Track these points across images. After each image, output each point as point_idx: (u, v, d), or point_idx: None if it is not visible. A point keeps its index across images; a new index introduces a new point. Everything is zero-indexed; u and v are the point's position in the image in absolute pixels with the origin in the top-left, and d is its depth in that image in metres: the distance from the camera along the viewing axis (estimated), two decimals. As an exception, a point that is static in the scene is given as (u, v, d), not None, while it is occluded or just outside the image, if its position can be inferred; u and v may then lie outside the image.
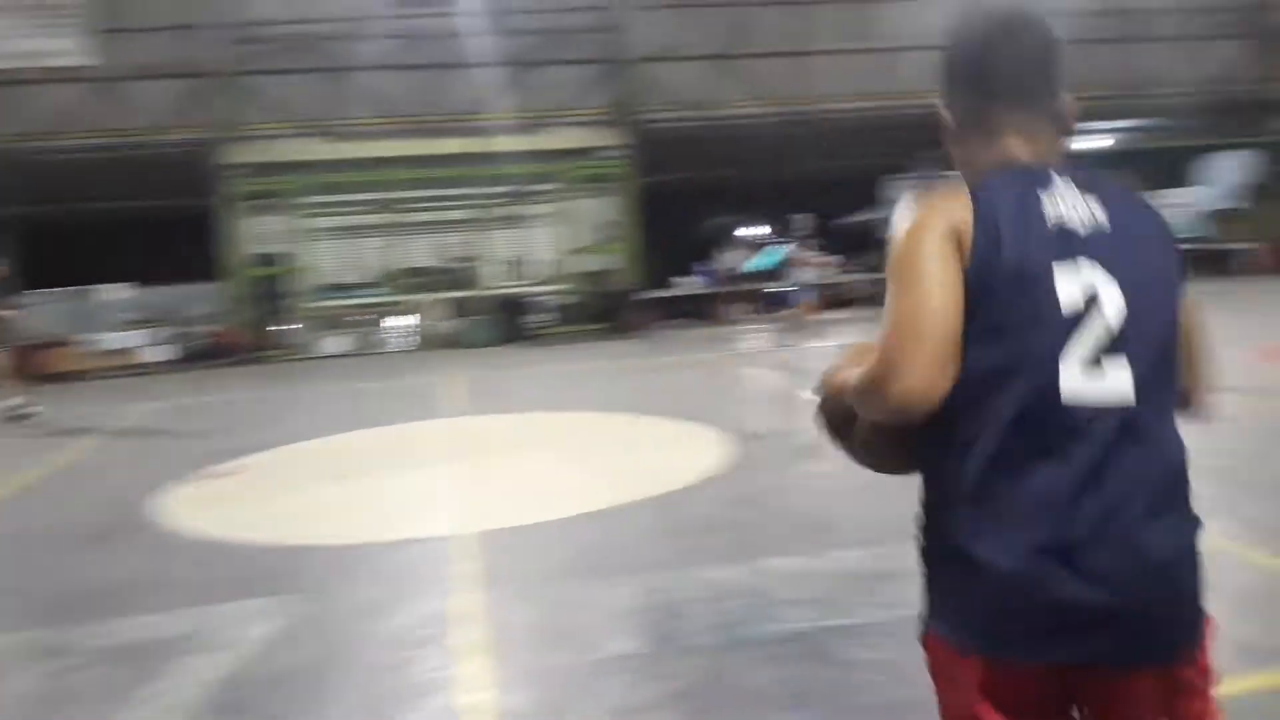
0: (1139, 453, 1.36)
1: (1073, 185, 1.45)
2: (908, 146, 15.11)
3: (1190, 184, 19.96)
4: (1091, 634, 1.35)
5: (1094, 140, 20.62)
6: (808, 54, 18.15)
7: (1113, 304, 1.38)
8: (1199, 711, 1.42)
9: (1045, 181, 1.45)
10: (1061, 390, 1.35)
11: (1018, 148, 1.49)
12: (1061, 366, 1.36)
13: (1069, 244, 1.40)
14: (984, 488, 1.38)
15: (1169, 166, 20.39)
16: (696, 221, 19.25)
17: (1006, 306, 1.37)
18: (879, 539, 4.45)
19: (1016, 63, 1.51)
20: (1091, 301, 1.37)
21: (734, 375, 11.74)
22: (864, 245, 17.34)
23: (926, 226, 1.41)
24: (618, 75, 17.94)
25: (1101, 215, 1.43)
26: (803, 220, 13.47)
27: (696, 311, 18.71)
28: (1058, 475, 1.35)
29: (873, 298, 12.61)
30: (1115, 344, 1.37)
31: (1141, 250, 1.44)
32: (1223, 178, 19.68)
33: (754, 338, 14.33)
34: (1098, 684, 1.41)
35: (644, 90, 17.80)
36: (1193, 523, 1.42)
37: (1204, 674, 1.43)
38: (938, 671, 1.49)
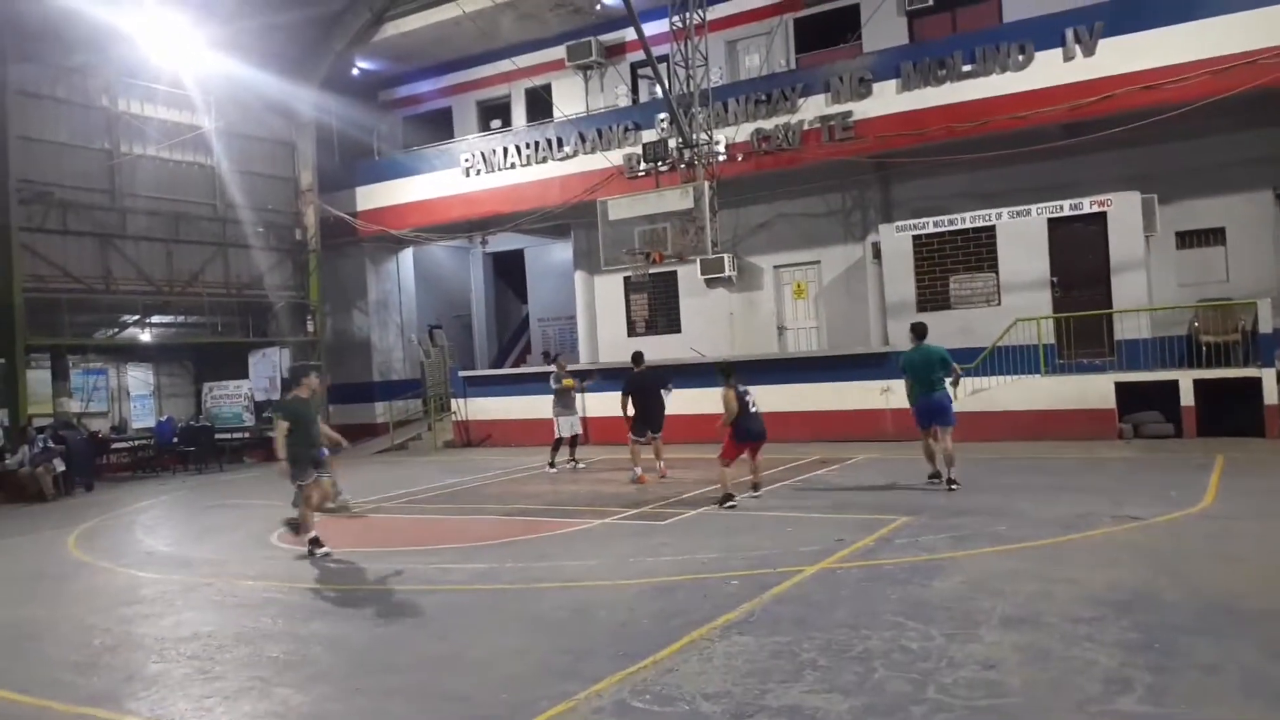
0: None
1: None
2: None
3: (238, 377, 22.22)
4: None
5: (146, 332, 21.57)
6: None
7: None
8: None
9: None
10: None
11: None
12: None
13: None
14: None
15: (216, 360, 22.42)
16: None
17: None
18: None
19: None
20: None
21: None
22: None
23: (729, 396, 10.50)
24: None
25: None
26: None
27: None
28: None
29: None
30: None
31: None
32: (263, 372, 22.41)
33: None
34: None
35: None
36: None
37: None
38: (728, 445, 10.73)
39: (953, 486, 10.60)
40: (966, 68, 17.02)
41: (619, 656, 5.40)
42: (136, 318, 21.05)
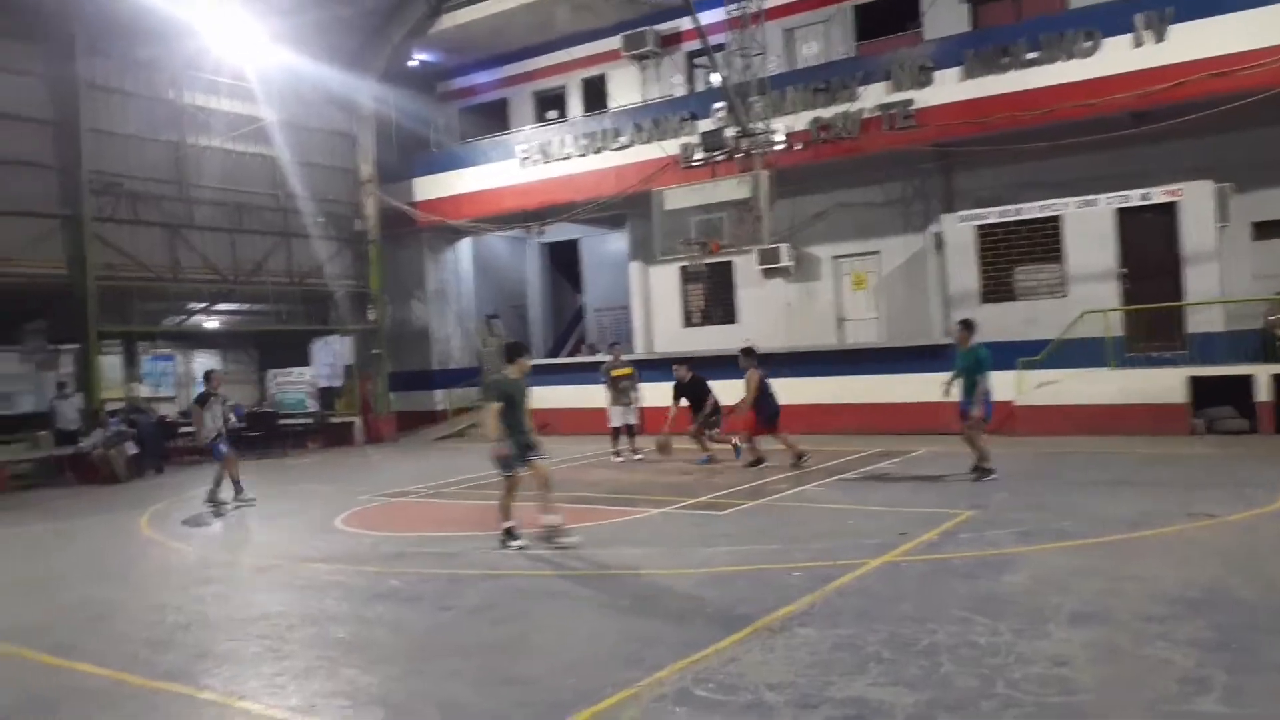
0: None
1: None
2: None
3: (301, 364, 22.63)
4: None
5: (212, 319, 22.07)
6: None
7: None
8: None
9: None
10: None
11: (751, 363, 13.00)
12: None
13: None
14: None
15: (280, 347, 22.85)
16: None
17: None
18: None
19: (754, 352, 13.18)
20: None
21: None
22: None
23: (754, 377, 12.88)
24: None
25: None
26: None
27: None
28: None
29: None
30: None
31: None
32: (325, 359, 22.80)
33: None
34: None
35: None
36: None
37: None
38: (754, 423, 13.12)
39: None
40: (1031, 55, 16.63)
41: (681, 645, 5.40)
42: (203, 305, 21.54)
